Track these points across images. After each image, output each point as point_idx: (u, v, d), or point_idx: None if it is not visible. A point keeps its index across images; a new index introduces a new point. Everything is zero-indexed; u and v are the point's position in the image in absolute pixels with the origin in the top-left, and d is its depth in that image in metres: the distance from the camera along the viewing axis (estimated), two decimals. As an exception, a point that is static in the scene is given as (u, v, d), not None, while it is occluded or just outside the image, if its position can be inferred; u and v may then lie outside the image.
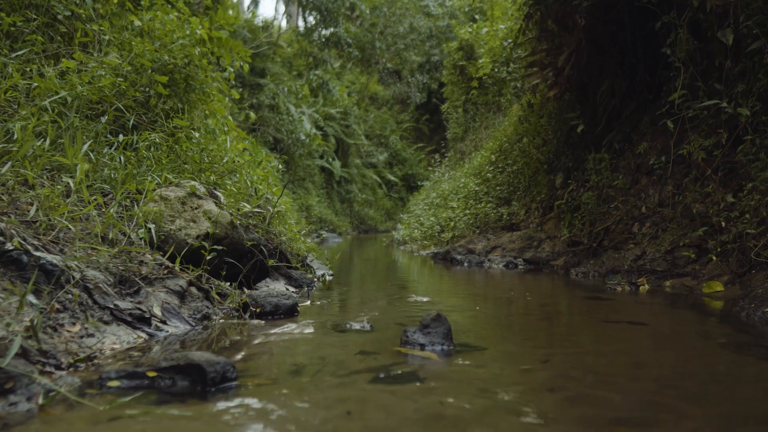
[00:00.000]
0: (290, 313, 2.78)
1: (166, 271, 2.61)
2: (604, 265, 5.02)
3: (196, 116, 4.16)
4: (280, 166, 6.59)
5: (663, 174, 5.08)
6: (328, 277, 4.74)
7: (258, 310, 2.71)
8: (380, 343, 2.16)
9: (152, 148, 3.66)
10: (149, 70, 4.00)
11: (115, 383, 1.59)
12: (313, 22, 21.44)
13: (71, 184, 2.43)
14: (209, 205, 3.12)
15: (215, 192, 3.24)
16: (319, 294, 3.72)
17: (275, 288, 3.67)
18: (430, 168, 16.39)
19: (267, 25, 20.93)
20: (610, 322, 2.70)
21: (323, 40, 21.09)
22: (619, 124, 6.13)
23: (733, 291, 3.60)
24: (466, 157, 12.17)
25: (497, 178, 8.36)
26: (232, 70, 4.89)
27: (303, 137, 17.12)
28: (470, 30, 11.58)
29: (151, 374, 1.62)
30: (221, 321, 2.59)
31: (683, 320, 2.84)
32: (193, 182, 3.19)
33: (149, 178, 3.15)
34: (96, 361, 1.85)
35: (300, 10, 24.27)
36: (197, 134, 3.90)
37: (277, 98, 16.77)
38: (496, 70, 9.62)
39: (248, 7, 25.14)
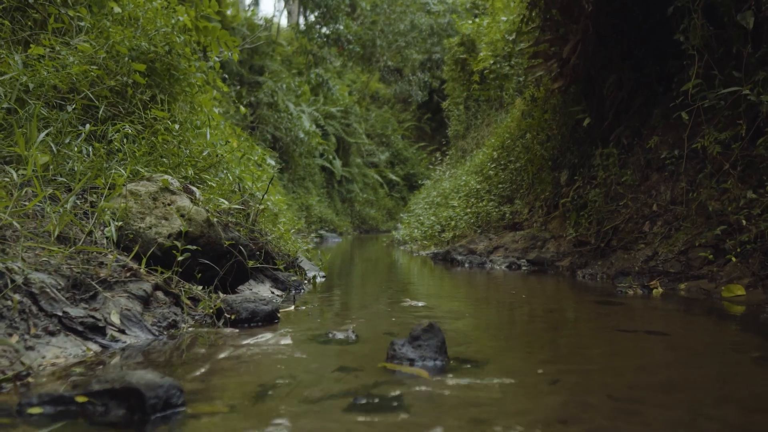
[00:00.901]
0: (269, 320, 2.51)
1: (128, 274, 2.34)
2: (612, 266, 4.74)
3: (178, 108, 3.89)
4: (272, 162, 6.31)
5: (675, 170, 4.79)
6: (319, 280, 4.47)
7: (233, 317, 2.44)
8: (364, 357, 1.88)
9: (127, 141, 3.39)
10: (126, 58, 3.73)
11: (36, 410, 1.32)
12: (314, 20, 21.21)
13: (14, 176, 2.16)
14: (183, 201, 2.85)
15: (191, 187, 2.97)
16: (307, 298, 3.45)
17: (259, 291, 3.40)
18: (431, 167, 16.09)
19: (267, 22, 20.68)
20: (625, 331, 2.42)
21: (324, 38, 20.84)
22: (627, 119, 5.84)
23: (755, 295, 3.31)
24: (467, 155, 11.87)
25: (499, 176, 8.07)
26: (218, 59, 4.62)
27: (302, 135, 16.85)
28: (471, 22, 11.25)
29: (81, 399, 1.35)
30: (190, 329, 2.32)
31: (706, 329, 2.56)
32: (166, 176, 2.92)
33: (119, 171, 2.88)
34: (29, 379, 1.58)
35: (301, 8, 24.04)
36: (177, 126, 3.63)
37: (275, 96, 16.50)
38: (498, 66, 9.33)
39: (249, 6, 24.89)
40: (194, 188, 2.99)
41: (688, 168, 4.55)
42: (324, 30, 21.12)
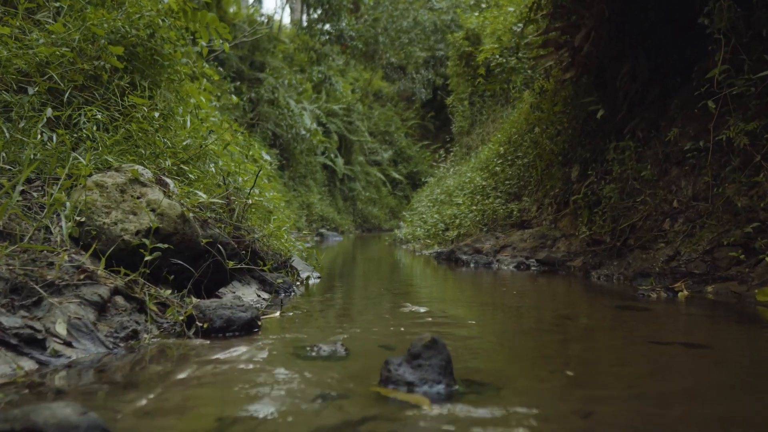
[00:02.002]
0: (248, 328, 2.19)
1: (83, 276, 2.02)
2: (630, 266, 4.40)
3: (160, 95, 3.58)
4: (268, 157, 5.99)
5: (697, 163, 4.45)
6: (314, 281, 4.14)
7: (205, 326, 2.12)
8: (353, 379, 1.56)
9: (100, 128, 3.08)
10: (103, 41, 3.42)
11: None
12: (316, 17, 20.92)
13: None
14: (155, 194, 2.53)
15: (164, 178, 2.65)
16: (298, 302, 3.12)
17: (243, 295, 3.08)
18: (435, 164, 15.69)
19: (268, 19, 20.38)
20: (659, 343, 2.08)
21: (327, 36, 20.54)
22: (642, 111, 5.50)
23: (796, 300, 2.98)
24: (472, 152, 11.53)
25: (506, 172, 7.73)
26: (204, 44, 4.29)
27: (303, 132, 16.52)
28: (476, 14, 10.88)
29: (-29, 445, 1.02)
30: (154, 340, 2.00)
31: (750, 340, 2.23)
32: (136, 166, 2.60)
33: (80, 160, 2.56)
34: (-70, 410, 1.26)
35: (304, 6, 23.72)
36: (157, 114, 3.32)
37: (276, 93, 16.18)
38: (504, 60, 8.99)
39: (252, 3, 24.57)
40: (168, 180, 2.67)
41: (712, 161, 4.21)
42: (326, 27, 20.81)
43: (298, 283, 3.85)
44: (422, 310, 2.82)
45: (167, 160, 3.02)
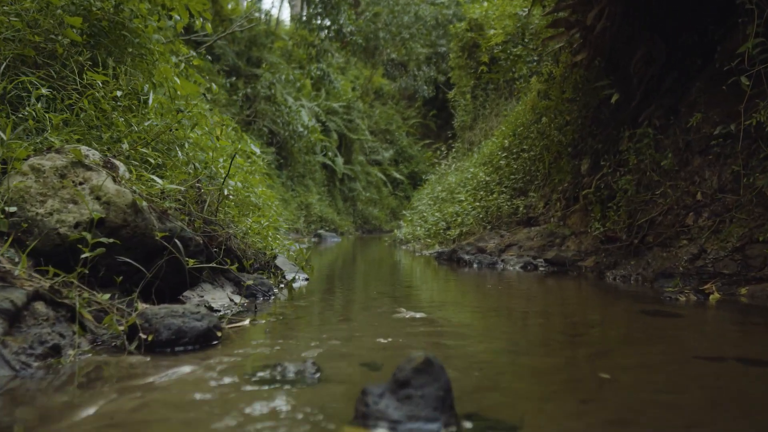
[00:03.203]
0: (204, 340, 1.79)
1: (-7, 278, 1.62)
2: (650, 266, 4.00)
3: (123, 72, 3.19)
4: (257, 149, 5.59)
5: (722, 152, 4.05)
6: (300, 283, 3.75)
7: (150, 338, 1.72)
8: (321, 413, 1.16)
9: (50, 107, 2.69)
10: (58, 10, 3.03)
11: None
12: (316, 12, 20.56)
13: None
14: (101, 179, 2.14)
15: (114, 161, 2.25)
16: (277, 307, 2.73)
17: (214, 299, 2.68)
18: (436, 161, 15.23)
19: (266, 15, 20.02)
20: (708, 359, 1.68)
21: (326, 32, 20.17)
22: (659, 97, 5.09)
23: None
24: (474, 147, 11.12)
25: (511, 166, 7.32)
26: (179, 18, 3.91)
27: (301, 129, 16.10)
28: (480, -4, 10.49)
29: None
30: (82, 357, 1.61)
31: (819, 354, 1.83)
32: (80, 146, 2.21)
33: (11, 138, 2.17)
34: None
35: (303, 2, 23.33)
36: (119, 93, 2.92)
37: (273, 89, 15.77)
38: (508, 52, 8.59)
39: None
40: (118, 163, 2.27)
41: (741, 148, 3.80)
42: (326, 22, 20.42)
43: (281, 285, 3.46)
44: (418, 316, 2.42)
45: (124, 143, 2.63)
